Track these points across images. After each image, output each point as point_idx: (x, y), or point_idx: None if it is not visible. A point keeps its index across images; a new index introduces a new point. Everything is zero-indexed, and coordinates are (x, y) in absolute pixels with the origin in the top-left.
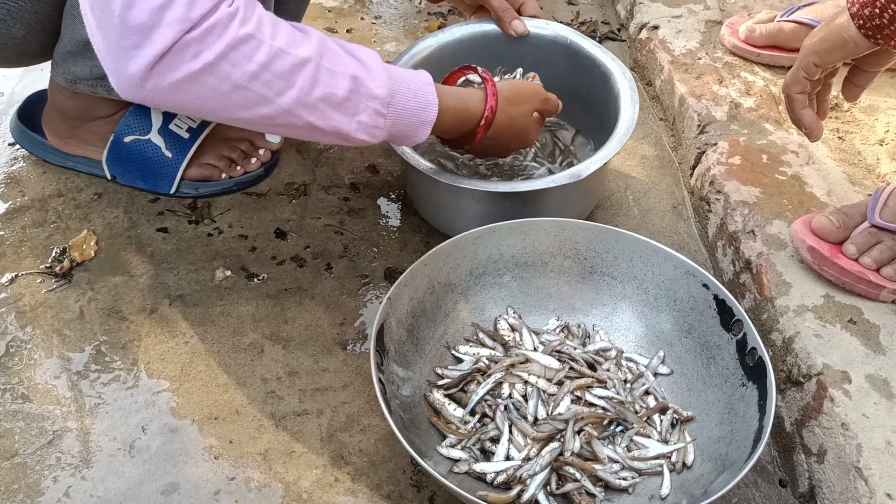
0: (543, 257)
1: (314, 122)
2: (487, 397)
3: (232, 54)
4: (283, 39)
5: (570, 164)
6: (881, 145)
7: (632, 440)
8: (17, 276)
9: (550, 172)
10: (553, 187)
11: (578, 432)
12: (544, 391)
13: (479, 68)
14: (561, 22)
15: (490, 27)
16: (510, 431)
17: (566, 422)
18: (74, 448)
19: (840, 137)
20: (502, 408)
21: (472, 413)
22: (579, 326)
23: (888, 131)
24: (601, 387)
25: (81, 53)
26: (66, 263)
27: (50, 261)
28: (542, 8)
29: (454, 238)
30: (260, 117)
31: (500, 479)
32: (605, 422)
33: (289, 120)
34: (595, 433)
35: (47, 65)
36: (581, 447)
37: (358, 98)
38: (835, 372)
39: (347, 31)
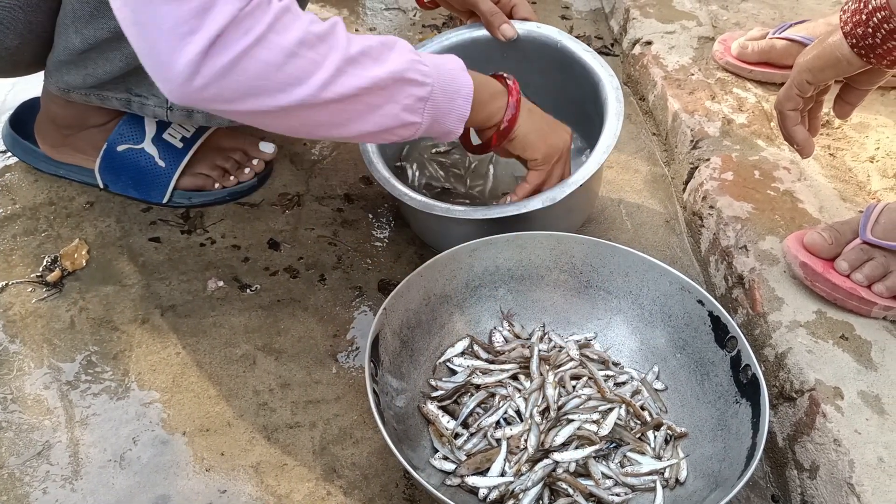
0: (539, 271)
1: (366, 74)
2: (479, 410)
3: (277, 24)
4: (308, 14)
5: None
6: (871, 162)
7: (625, 456)
8: (7, 284)
9: None
10: (530, 211)
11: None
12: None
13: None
14: None
15: (480, 33)
16: (507, 449)
17: (563, 445)
18: (64, 459)
19: (831, 154)
20: (494, 424)
21: (465, 426)
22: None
23: (878, 148)
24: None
25: (75, 62)
26: (57, 272)
27: (41, 270)
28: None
29: (451, 250)
30: (318, 88)
31: (493, 495)
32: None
33: (344, 83)
34: (592, 453)
35: (40, 73)
36: (576, 466)
37: (389, 49)
38: (827, 388)
39: None
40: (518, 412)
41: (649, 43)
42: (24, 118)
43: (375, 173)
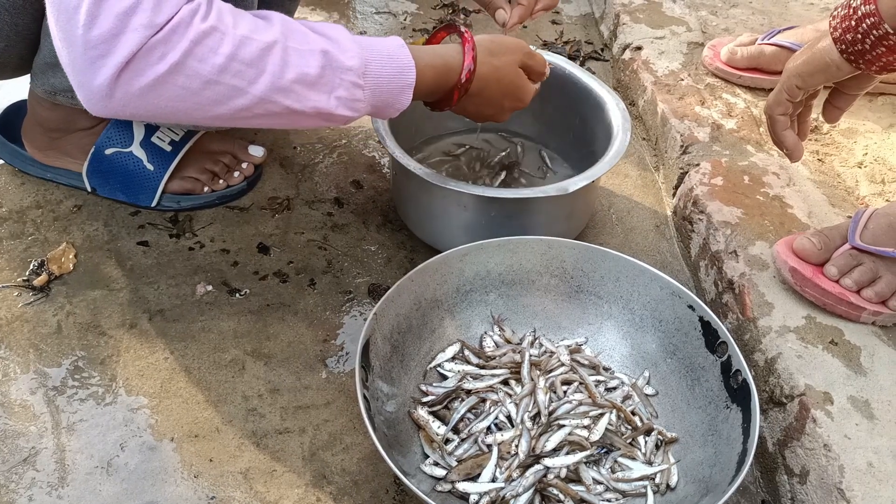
0: (530, 275)
1: (292, 106)
2: (469, 415)
3: (197, 50)
4: (246, 27)
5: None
6: (860, 168)
7: (616, 461)
8: None
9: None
10: (539, 197)
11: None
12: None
13: (461, 26)
14: (545, 41)
15: None
16: (497, 454)
17: (554, 451)
18: (50, 466)
19: (820, 160)
20: (485, 429)
21: (456, 431)
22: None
23: (866, 154)
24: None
25: (61, 65)
26: (43, 276)
27: (27, 274)
28: (525, 27)
29: (442, 254)
30: (237, 110)
31: (484, 501)
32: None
33: (267, 108)
34: (583, 459)
35: (27, 76)
36: (567, 471)
37: (332, 73)
38: (817, 393)
39: None
40: (509, 417)
41: (639, 48)
42: (12, 121)
43: (387, 145)
